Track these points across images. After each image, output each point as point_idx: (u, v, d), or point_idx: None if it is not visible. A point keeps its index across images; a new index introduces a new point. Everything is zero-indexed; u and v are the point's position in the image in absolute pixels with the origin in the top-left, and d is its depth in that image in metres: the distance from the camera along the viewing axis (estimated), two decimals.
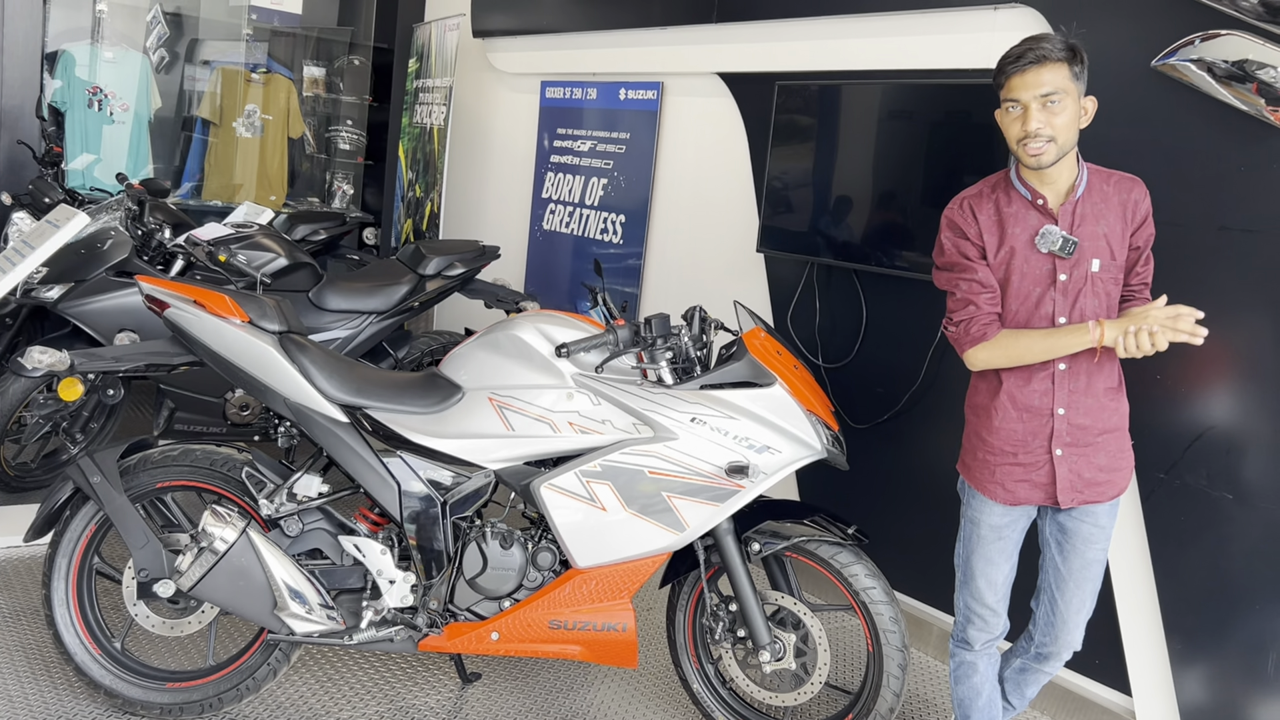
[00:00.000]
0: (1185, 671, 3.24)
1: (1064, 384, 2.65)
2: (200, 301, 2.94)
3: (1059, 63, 2.50)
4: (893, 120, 3.99)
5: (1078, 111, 2.56)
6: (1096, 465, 2.67)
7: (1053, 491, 2.68)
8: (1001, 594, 2.84)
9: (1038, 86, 2.50)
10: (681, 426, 2.90)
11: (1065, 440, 2.66)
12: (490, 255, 5.20)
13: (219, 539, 2.80)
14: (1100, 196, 2.64)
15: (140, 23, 7.02)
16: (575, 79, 5.85)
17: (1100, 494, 2.69)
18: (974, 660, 2.91)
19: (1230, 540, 3.12)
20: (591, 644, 3.00)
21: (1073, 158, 2.62)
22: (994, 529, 2.78)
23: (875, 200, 4.05)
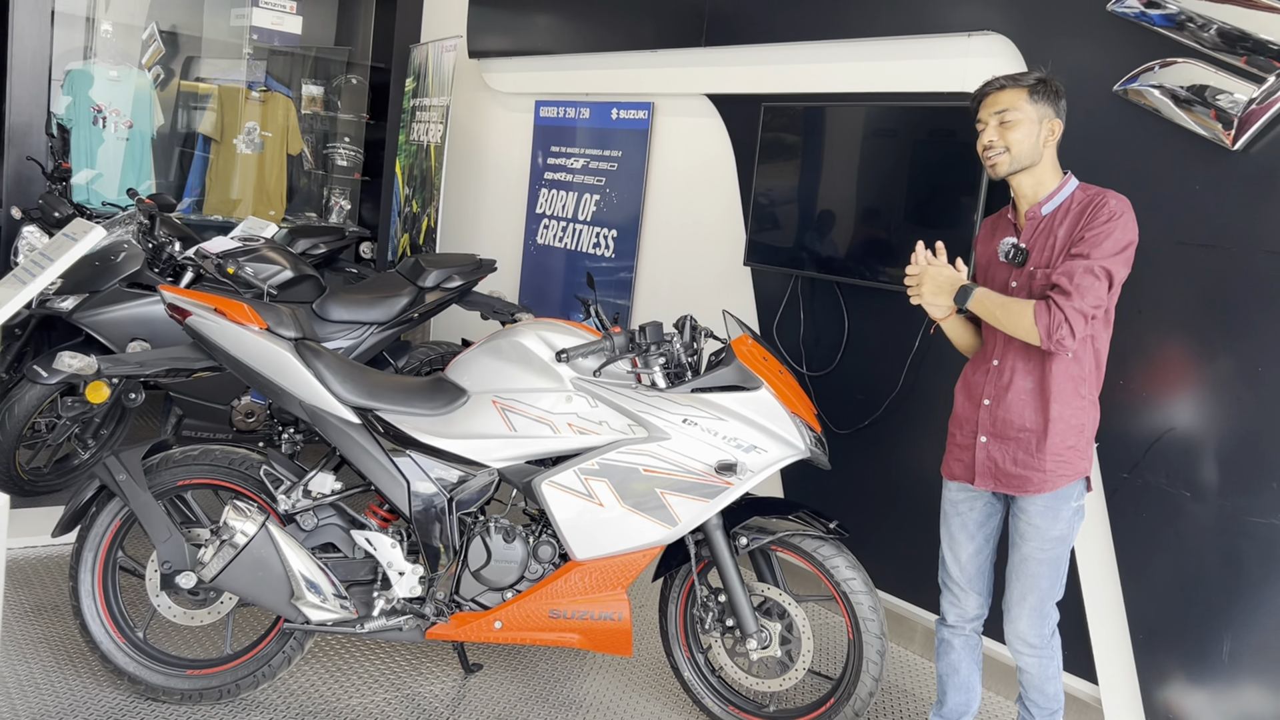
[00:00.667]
0: (1147, 660, 3.43)
1: (993, 379, 2.95)
2: (221, 309, 3.13)
3: (1017, 89, 2.87)
4: (873, 140, 4.20)
5: (1035, 130, 2.86)
6: (1012, 459, 2.90)
7: (973, 472, 2.98)
8: (969, 573, 3.08)
9: (995, 106, 2.89)
10: (674, 427, 3.10)
11: (988, 429, 2.94)
12: (487, 268, 5.40)
13: (240, 532, 2.97)
14: (1065, 213, 2.87)
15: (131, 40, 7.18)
16: (568, 99, 6.06)
17: (1015, 487, 2.90)
18: (950, 639, 3.14)
19: (1188, 535, 3.33)
20: (589, 632, 3.18)
21: (1045, 175, 2.90)
22: (952, 504, 3.09)
23: (857, 216, 4.26)
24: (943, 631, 3.16)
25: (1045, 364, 2.85)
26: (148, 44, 7.38)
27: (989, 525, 3.06)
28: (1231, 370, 3.23)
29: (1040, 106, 2.85)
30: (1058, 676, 3.07)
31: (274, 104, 7.45)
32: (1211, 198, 3.28)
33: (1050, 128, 2.87)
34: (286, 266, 4.87)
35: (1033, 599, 2.94)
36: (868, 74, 4.35)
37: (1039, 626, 2.97)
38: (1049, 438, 2.85)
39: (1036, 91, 2.85)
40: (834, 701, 3.24)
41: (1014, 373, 2.89)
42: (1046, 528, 2.89)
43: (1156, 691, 3.42)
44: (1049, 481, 2.86)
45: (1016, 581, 2.96)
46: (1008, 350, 2.91)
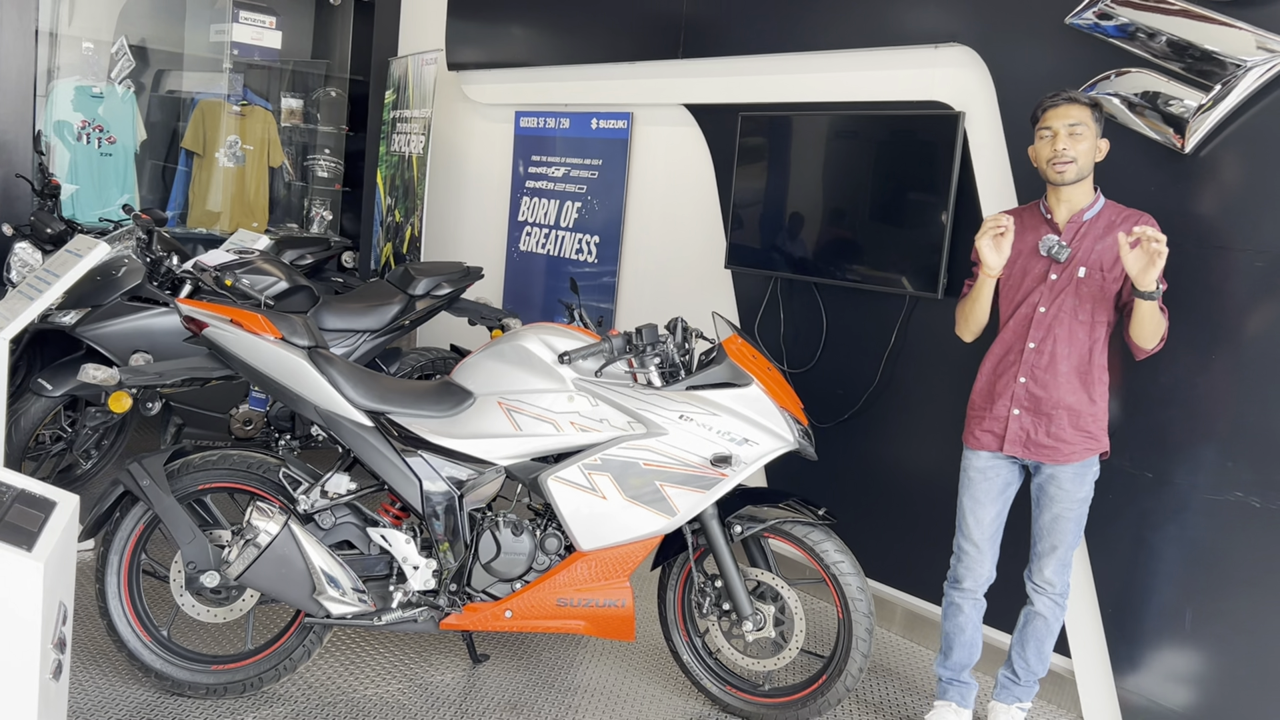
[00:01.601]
0: (1116, 633, 3.66)
1: (1029, 360, 3.31)
2: (237, 321, 3.28)
3: (1084, 105, 3.22)
4: (845, 147, 4.42)
5: (1094, 146, 3.24)
6: (1045, 431, 3.29)
7: (1002, 441, 3.34)
8: (988, 534, 3.44)
9: (1066, 118, 3.20)
10: (671, 423, 3.29)
11: (1023, 404, 3.31)
12: (474, 275, 5.57)
13: (264, 531, 3.13)
14: (1106, 224, 3.28)
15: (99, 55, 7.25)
16: (548, 109, 6.24)
17: (1046, 456, 3.30)
18: (960, 602, 3.51)
19: (1150, 514, 3.56)
20: (594, 619, 3.37)
21: (1089, 188, 3.30)
22: (979, 471, 3.43)
23: (832, 219, 4.47)
24: (953, 595, 3.53)
25: (1084, 350, 3.26)
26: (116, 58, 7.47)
27: (1008, 492, 3.44)
28: (1187, 359, 3.46)
29: (1098, 125, 3.24)
30: (1056, 635, 3.45)
31: (254, 117, 7.57)
32: (1165, 197, 3.51)
33: (1100, 147, 3.26)
34: (281, 278, 5.02)
35: (1061, 550, 3.37)
36: (840, 84, 4.56)
37: (1063, 573, 3.40)
38: (1081, 417, 3.27)
39: (1097, 110, 3.23)
40: (826, 678, 3.44)
41: (1054, 356, 3.27)
42: (1074, 490, 3.31)
43: (1125, 661, 3.64)
44: (1077, 454, 3.29)
45: (1047, 537, 3.37)
46: (1050, 336, 3.27)
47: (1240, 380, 3.35)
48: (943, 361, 4.19)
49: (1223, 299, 3.38)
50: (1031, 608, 3.46)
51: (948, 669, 3.59)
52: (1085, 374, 3.27)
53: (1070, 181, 3.22)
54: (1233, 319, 3.36)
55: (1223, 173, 3.38)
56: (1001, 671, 3.60)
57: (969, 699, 3.60)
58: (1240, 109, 3.32)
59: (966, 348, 3.67)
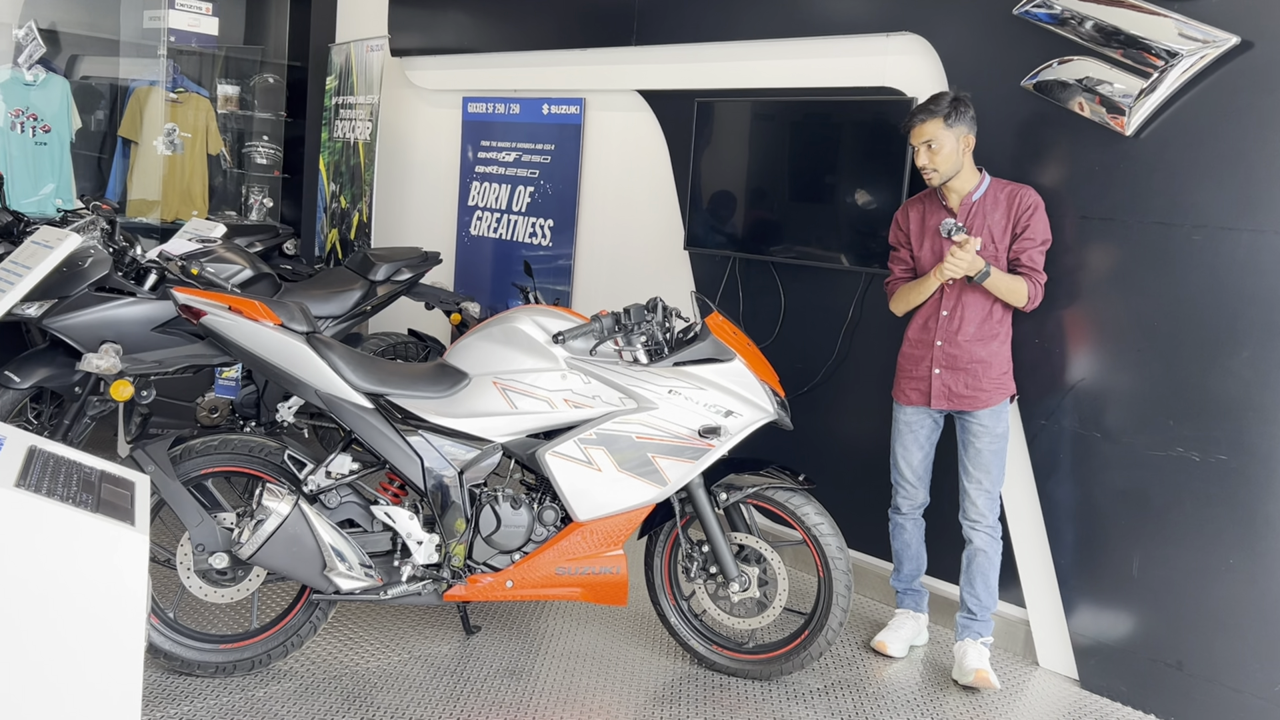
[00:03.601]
0: (1068, 581, 3.95)
1: (944, 325, 3.81)
2: (235, 308, 3.36)
3: (934, 119, 3.67)
4: (802, 132, 4.62)
5: (956, 147, 3.70)
6: (963, 384, 3.79)
7: (929, 397, 3.82)
8: (918, 473, 3.98)
9: (921, 136, 3.71)
10: (661, 397, 3.47)
11: (942, 363, 3.80)
12: (433, 260, 5.66)
13: (275, 512, 3.23)
14: (993, 201, 3.73)
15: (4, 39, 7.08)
16: (497, 95, 6.34)
17: (967, 404, 3.80)
18: (902, 523, 4.05)
19: (1099, 471, 3.85)
20: (591, 586, 3.53)
21: (970, 174, 3.78)
22: (906, 424, 3.97)
23: (786, 201, 4.68)
24: (896, 519, 4.07)
25: (987, 310, 3.76)
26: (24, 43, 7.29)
27: (934, 436, 3.97)
28: (1130, 326, 3.74)
29: (956, 128, 3.67)
30: (998, 567, 3.84)
31: (191, 105, 7.51)
32: (1108, 176, 3.78)
33: (966, 141, 3.72)
34: (246, 265, 5.06)
35: (987, 482, 3.81)
36: (794, 70, 4.76)
37: (990, 505, 3.83)
38: (991, 367, 3.77)
39: (950, 117, 3.66)
40: (808, 634, 3.66)
41: (963, 321, 3.78)
42: (993, 426, 3.80)
43: (1078, 608, 3.93)
44: (992, 398, 3.79)
45: (973, 470, 3.82)
46: (959, 304, 3.78)
47: (1180, 346, 3.63)
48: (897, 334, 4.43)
49: (1165, 272, 3.66)
50: (971, 545, 3.86)
51: (901, 581, 4.11)
52: (991, 330, 3.76)
53: (939, 185, 3.76)
54: (1173, 290, 3.64)
55: (1162, 153, 3.66)
56: (958, 615, 3.88)
57: (923, 604, 4.15)
58: (1176, 94, 3.60)
59: None
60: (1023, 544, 4.08)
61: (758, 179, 4.80)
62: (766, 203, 4.78)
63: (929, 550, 4.10)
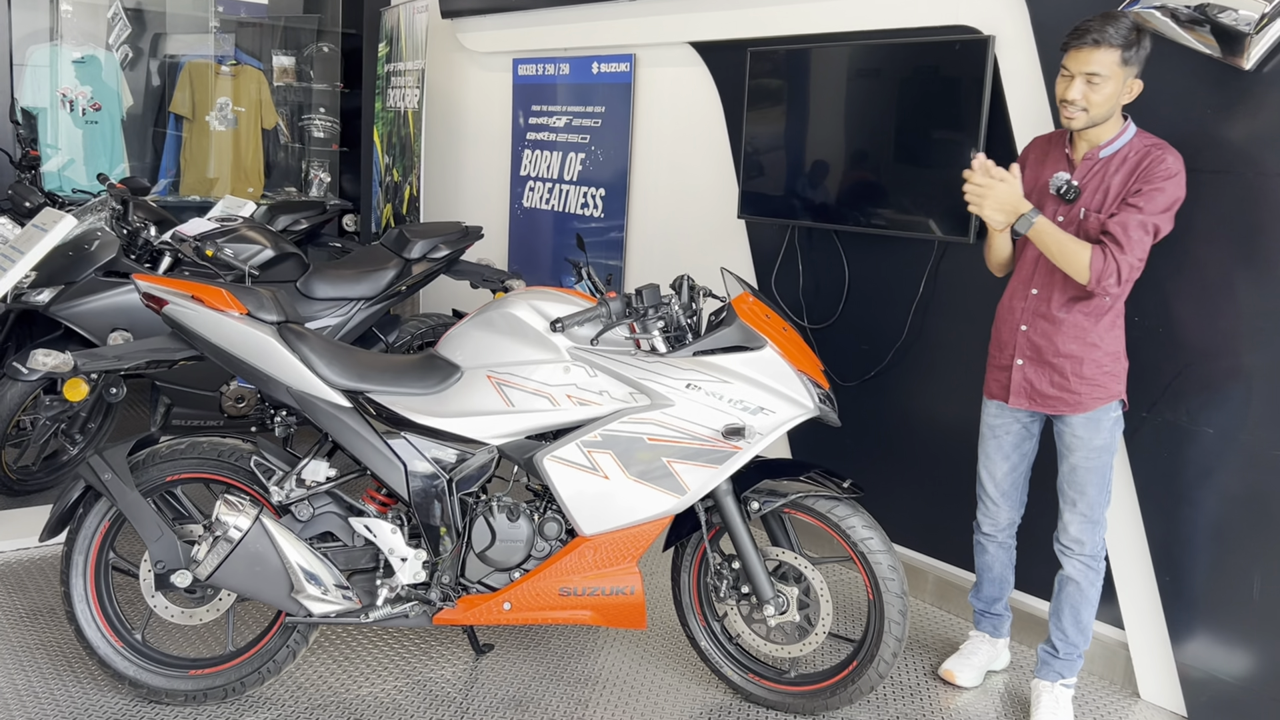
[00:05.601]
0: (1175, 602, 3.35)
1: (1030, 306, 3.12)
2: (198, 296, 2.99)
3: (1112, 48, 2.86)
4: (864, 80, 4.05)
5: (1119, 91, 2.92)
6: (1048, 380, 3.09)
7: (1008, 392, 3.18)
8: (1003, 489, 3.33)
9: (1086, 64, 2.88)
10: (677, 393, 2.98)
11: (1025, 353, 3.14)
12: (474, 236, 5.26)
13: (233, 527, 2.86)
14: (1122, 159, 2.99)
15: (96, 20, 6.98)
16: (547, 55, 5.89)
17: (1050, 406, 3.11)
18: (984, 543, 3.44)
19: (1212, 473, 3.23)
20: (601, 608, 3.08)
21: (1113, 125, 3.00)
22: (990, 427, 3.31)
23: (851, 161, 4.12)
24: (978, 536, 3.44)
25: (1083, 298, 3.02)
26: (113, 23, 7.17)
27: (1024, 446, 3.28)
28: (1250, 300, 3.11)
29: (1129, 68, 2.91)
30: (1095, 604, 3.20)
31: (245, 78, 7.25)
32: (1222, 121, 3.15)
33: (1130, 87, 2.94)
34: (267, 245, 4.73)
35: (1082, 504, 3.13)
36: (857, 11, 4.18)
37: (1090, 532, 3.14)
38: (1085, 364, 3.04)
39: (1129, 51, 2.88)
40: (857, 664, 3.15)
41: (1052, 302, 3.06)
42: (1089, 438, 3.08)
43: (1185, 634, 3.33)
44: (1083, 404, 3.06)
45: (1067, 489, 3.15)
46: (1050, 280, 3.06)
47: None
48: (976, 310, 3.85)
49: None
50: (1062, 572, 3.23)
51: (980, 600, 3.55)
52: (1088, 320, 3.04)
53: (1078, 129, 2.99)
54: None
55: None
56: (1041, 647, 3.31)
57: (1002, 629, 3.56)
58: None
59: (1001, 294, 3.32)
60: (1120, 556, 3.48)
61: (816, 136, 4.25)
62: (827, 163, 4.22)
63: (1020, 556, 3.51)
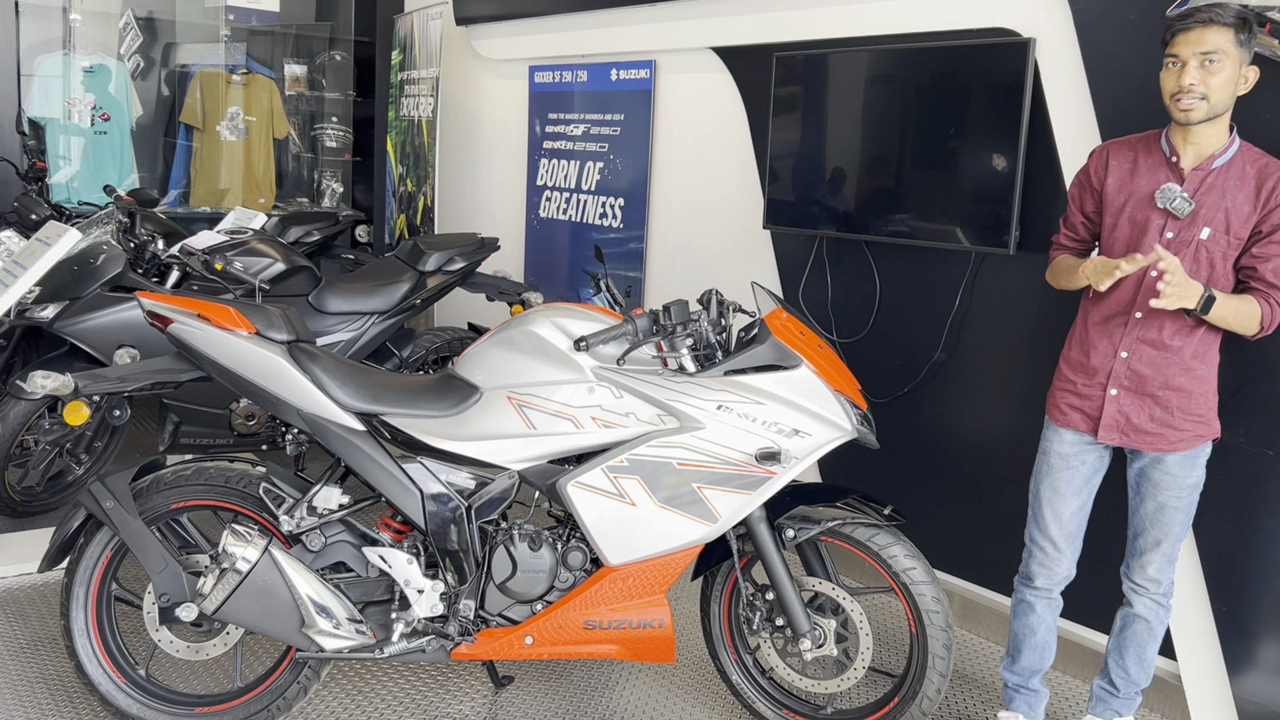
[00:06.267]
0: (1232, 633, 3.17)
1: (1134, 331, 2.79)
2: (204, 315, 2.85)
3: (1225, 27, 2.56)
4: (894, 86, 3.89)
5: (1236, 77, 2.60)
6: (1148, 414, 2.79)
7: (1096, 424, 2.85)
8: (1068, 531, 2.96)
9: (1199, 45, 2.56)
10: (708, 415, 2.82)
11: (1123, 383, 2.81)
12: (490, 247, 5.11)
13: (241, 559, 2.71)
14: (1239, 173, 2.68)
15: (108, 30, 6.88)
16: (564, 62, 5.74)
17: (1147, 444, 2.80)
18: (1032, 601, 3.05)
19: (1272, 497, 3.06)
20: (628, 642, 2.92)
21: (1224, 127, 2.67)
22: (1061, 457, 2.94)
23: (883, 169, 3.96)
24: (1025, 593, 3.07)
25: (1196, 326, 2.74)
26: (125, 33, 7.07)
27: (1095, 480, 2.96)
28: None
29: (1244, 50, 2.59)
30: (1159, 639, 2.98)
31: (256, 87, 7.13)
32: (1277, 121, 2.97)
33: (1245, 75, 2.62)
34: (278, 258, 4.59)
35: (1166, 544, 2.88)
36: (887, 14, 4.02)
37: (1168, 569, 2.92)
38: (1194, 399, 2.77)
39: (1243, 32, 2.58)
40: (899, 701, 2.98)
41: (1163, 330, 2.75)
42: (1184, 476, 2.82)
43: (1243, 666, 3.15)
44: (1185, 441, 2.79)
45: (1151, 529, 2.89)
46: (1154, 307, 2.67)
47: None
48: (1016, 325, 3.69)
49: None
50: (1130, 610, 2.98)
51: (1015, 673, 3.15)
52: (1200, 351, 2.75)
53: (1198, 121, 2.61)
54: None
55: None
56: (1097, 682, 3.12)
57: (1038, 709, 3.15)
58: None
59: (1045, 309, 3.18)
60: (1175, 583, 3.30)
61: (845, 144, 4.09)
62: (856, 171, 4.06)
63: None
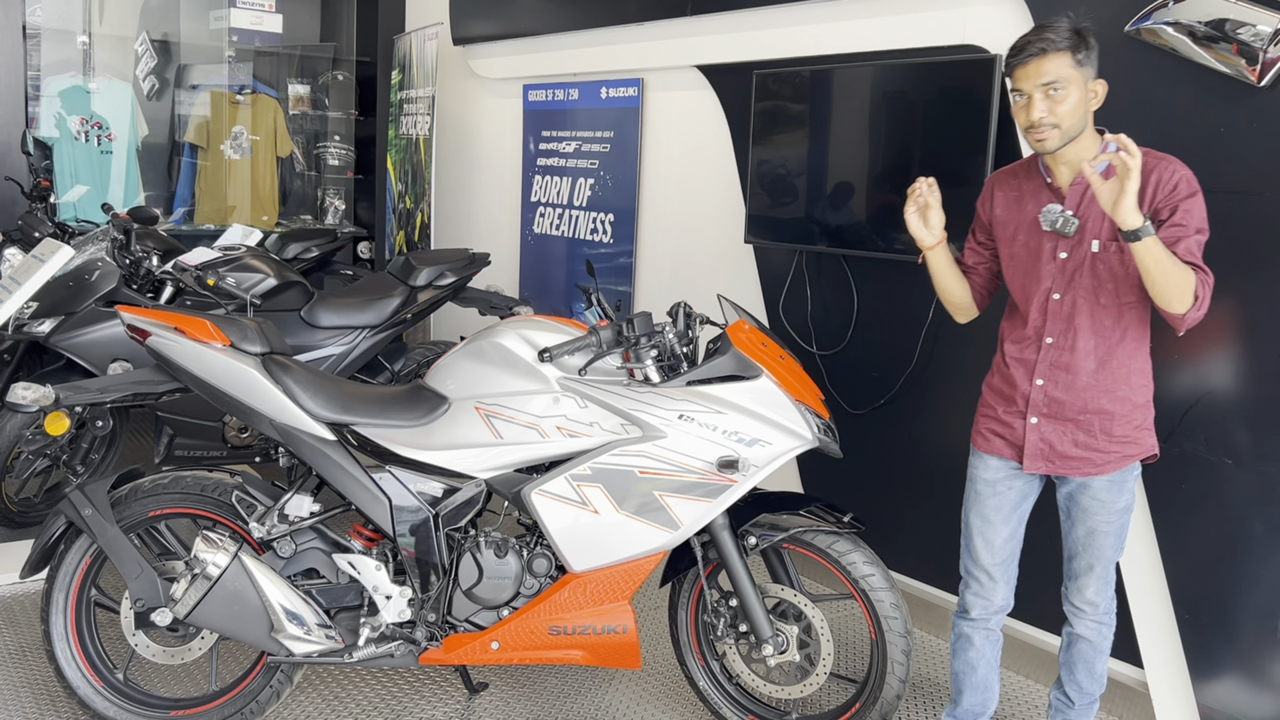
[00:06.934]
0: (1195, 640, 3.20)
1: (1047, 357, 2.71)
2: (181, 328, 2.93)
3: (1060, 52, 2.52)
4: (868, 102, 3.96)
5: (1084, 96, 2.56)
6: (1071, 440, 2.70)
7: (1020, 453, 2.77)
8: (1000, 559, 2.87)
9: (1039, 77, 2.53)
10: (669, 424, 2.88)
11: (1041, 410, 2.73)
12: (480, 262, 5.19)
13: (211, 564, 2.79)
14: None
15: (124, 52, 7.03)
16: (557, 80, 5.83)
17: (1075, 469, 2.71)
18: (970, 633, 2.95)
19: (1232, 505, 3.09)
20: (593, 648, 2.98)
21: (1088, 138, 2.62)
22: (988, 484, 2.86)
23: (856, 183, 4.02)
24: (961, 626, 2.96)
25: (1111, 344, 2.65)
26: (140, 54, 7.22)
27: (1025, 505, 2.87)
28: (1269, 325, 2.98)
29: (1085, 69, 2.55)
30: (1107, 653, 2.92)
31: (260, 106, 7.26)
32: (1238, 140, 3.02)
33: (1094, 90, 2.58)
34: (269, 274, 4.68)
35: (1100, 567, 2.81)
36: (861, 32, 4.10)
37: (1105, 591, 2.84)
38: (1116, 420, 2.68)
39: (1079, 51, 2.53)
40: (859, 706, 3.03)
41: (1074, 352, 2.66)
42: (1112, 501, 2.74)
43: (1206, 672, 3.18)
44: (1112, 463, 2.70)
45: (1082, 553, 2.81)
46: (1069, 326, 2.65)
47: None
48: (989, 336, 3.73)
49: None
50: (1073, 630, 2.91)
51: (957, 719, 3.03)
52: (1119, 369, 2.66)
53: (1054, 149, 2.58)
54: None
55: None
56: (1053, 693, 3.08)
57: None
58: None
59: None
60: (1138, 591, 3.34)
61: (821, 159, 4.15)
62: (832, 186, 4.12)
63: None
